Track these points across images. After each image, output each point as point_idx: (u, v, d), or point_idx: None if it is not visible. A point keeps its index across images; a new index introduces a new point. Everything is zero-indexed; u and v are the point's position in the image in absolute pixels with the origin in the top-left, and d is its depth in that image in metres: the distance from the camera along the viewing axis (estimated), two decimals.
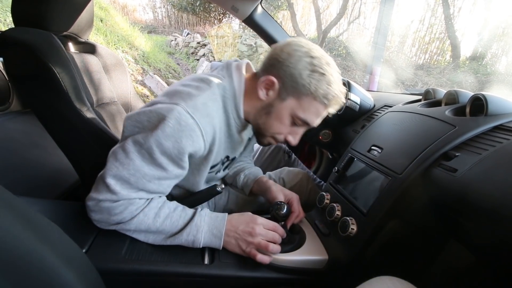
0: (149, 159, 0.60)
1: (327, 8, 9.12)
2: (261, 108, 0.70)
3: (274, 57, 0.67)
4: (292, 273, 0.68)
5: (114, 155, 0.61)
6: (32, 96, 0.83)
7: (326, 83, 0.65)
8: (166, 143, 0.59)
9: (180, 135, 0.59)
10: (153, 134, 0.58)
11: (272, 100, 0.68)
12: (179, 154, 0.60)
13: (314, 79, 0.64)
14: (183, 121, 0.59)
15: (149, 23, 10.80)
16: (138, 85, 3.99)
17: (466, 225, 0.54)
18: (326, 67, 0.65)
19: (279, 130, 0.71)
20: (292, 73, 0.64)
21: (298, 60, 0.64)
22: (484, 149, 0.54)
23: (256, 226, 0.66)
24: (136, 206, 0.62)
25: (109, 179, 0.59)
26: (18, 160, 1.17)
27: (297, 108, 0.67)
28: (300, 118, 0.68)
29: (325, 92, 0.65)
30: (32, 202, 0.73)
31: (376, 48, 3.94)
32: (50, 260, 0.36)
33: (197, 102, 0.62)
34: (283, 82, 0.66)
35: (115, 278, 0.60)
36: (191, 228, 0.65)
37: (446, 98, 0.79)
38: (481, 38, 6.39)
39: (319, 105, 0.67)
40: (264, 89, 0.68)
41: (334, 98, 0.67)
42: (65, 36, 0.97)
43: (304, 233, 0.76)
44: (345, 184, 0.83)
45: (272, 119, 0.69)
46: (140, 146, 0.59)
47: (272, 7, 8.81)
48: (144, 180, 0.61)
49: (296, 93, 0.66)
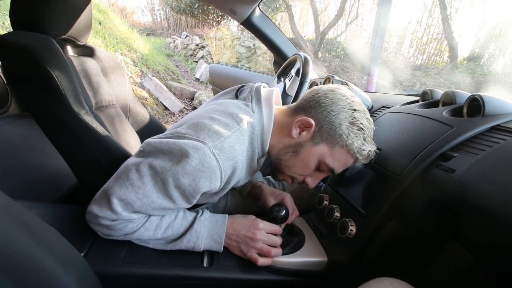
0: (161, 188, 0.58)
1: (325, 9, 9.15)
2: (289, 146, 0.68)
3: (316, 100, 0.66)
4: (291, 275, 0.68)
5: (126, 173, 0.59)
6: (31, 99, 0.83)
7: (363, 139, 0.65)
8: (183, 180, 0.57)
9: (200, 175, 0.57)
10: (173, 168, 0.56)
11: (304, 141, 0.67)
12: (193, 192, 0.59)
13: (352, 133, 0.64)
14: (207, 162, 0.57)
15: (147, 25, 10.81)
16: (137, 88, 3.99)
17: (465, 225, 0.54)
18: (366, 123, 0.65)
19: (301, 172, 0.69)
20: (333, 121, 0.64)
21: (341, 110, 0.64)
22: (482, 149, 0.55)
23: (257, 231, 0.66)
24: (136, 223, 0.62)
25: (114, 198, 0.58)
26: (17, 163, 1.17)
27: (328, 156, 0.66)
28: (328, 166, 0.67)
29: (359, 148, 0.65)
30: (31, 205, 0.73)
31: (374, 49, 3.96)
32: (48, 264, 0.36)
33: (225, 144, 0.59)
34: (320, 126, 0.65)
35: (114, 282, 0.59)
36: (191, 235, 0.64)
37: (443, 98, 0.80)
38: (478, 39, 6.42)
39: (350, 158, 0.67)
40: (298, 128, 0.67)
41: (367, 155, 0.67)
42: (64, 40, 0.97)
43: (303, 234, 0.76)
44: (344, 186, 0.83)
45: (298, 159, 0.68)
46: (156, 173, 0.57)
47: (270, 9, 8.83)
48: (149, 207, 0.59)
49: (331, 141, 0.65)
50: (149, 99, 3.98)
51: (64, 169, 0.97)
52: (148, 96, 4.01)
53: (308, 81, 0.97)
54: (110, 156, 0.80)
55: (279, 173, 0.72)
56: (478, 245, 0.54)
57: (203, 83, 6.17)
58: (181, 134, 0.61)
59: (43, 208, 0.74)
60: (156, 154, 0.59)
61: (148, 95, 4.04)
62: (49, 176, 1.20)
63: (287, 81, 1.10)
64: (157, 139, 0.61)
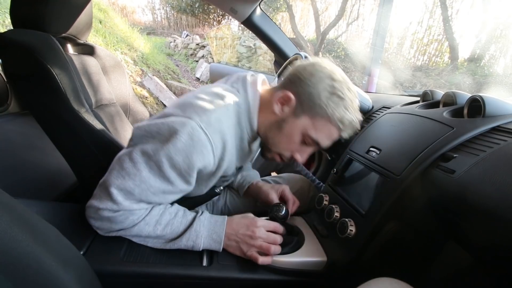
0: (157, 171, 0.59)
1: (325, 10, 9.15)
2: (274, 122, 0.69)
3: (296, 75, 0.67)
4: (290, 275, 0.68)
5: (120, 163, 0.60)
6: (31, 97, 0.83)
7: (344, 108, 0.65)
8: (176, 158, 0.58)
9: (191, 151, 0.58)
10: (164, 147, 0.57)
11: (286, 116, 0.68)
12: (188, 169, 0.59)
13: (332, 102, 0.64)
14: (196, 136, 0.58)
15: (148, 24, 10.80)
16: (137, 87, 3.99)
17: (464, 226, 0.54)
18: (346, 92, 0.65)
19: (287, 147, 0.70)
20: (311, 92, 0.64)
21: (319, 81, 0.64)
22: (482, 150, 0.54)
23: (257, 229, 0.67)
24: (137, 215, 0.62)
25: (113, 188, 0.58)
26: (16, 161, 1.17)
27: (310, 128, 0.66)
28: (311, 138, 0.67)
29: (341, 116, 0.65)
30: (30, 203, 0.73)
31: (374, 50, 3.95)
32: (47, 262, 0.36)
33: (211, 117, 0.60)
34: (300, 99, 0.66)
35: (113, 280, 0.59)
36: (190, 233, 0.64)
37: (444, 99, 0.80)
38: (479, 39, 6.41)
39: (333, 128, 0.67)
40: (279, 104, 0.68)
41: (349, 124, 0.67)
42: (64, 38, 0.97)
43: (303, 234, 0.76)
44: (344, 186, 0.83)
45: (282, 135, 0.69)
46: (149, 158, 0.58)
47: (271, 9, 8.82)
48: (149, 192, 0.60)
49: (312, 112, 0.65)
50: (149, 98, 3.97)
51: (64, 167, 0.97)
52: (148, 95, 4.00)
53: None
54: (109, 154, 0.79)
55: (267, 151, 0.74)
56: (478, 246, 0.54)
57: (203, 83, 6.17)
58: (168, 113, 0.62)
59: (42, 206, 0.74)
60: (146, 138, 0.60)
61: (148, 94, 4.04)
62: (49, 174, 1.20)
63: None
64: (145, 122, 0.63)
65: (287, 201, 0.85)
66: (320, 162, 1.57)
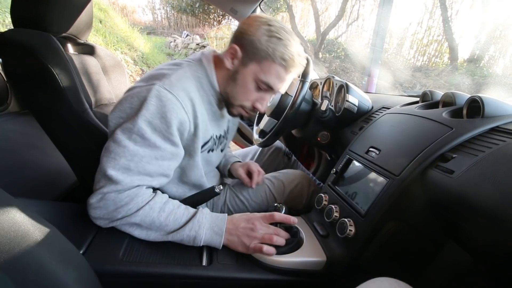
0: (141, 141, 0.63)
1: (325, 10, 9.16)
2: (228, 77, 0.75)
3: (238, 30, 0.74)
4: (290, 275, 0.68)
5: (106, 150, 0.64)
6: (31, 97, 0.83)
7: (283, 46, 0.70)
8: (154, 121, 0.63)
9: (164, 110, 0.63)
10: (140, 115, 0.62)
11: (237, 67, 0.74)
12: (168, 128, 0.64)
13: (271, 43, 0.70)
14: (163, 96, 0.63)
15: (148, 24, 10.80)
16: None
17: (463, 226, 0.54)
18: (283, 33, 0.71)
19: (245, 97, 0.76)
20: (252, 40, 0.70)
21: (257, 29, 0.70)
22: (481, 150, 0.55)
23: (257, 221, 0.69)
24: (142, 198, 0.64)
25: (110, 170, 0.61)
26: (16, 161, 1.17)
27: (259, 72, 0.72)
28: (263, 82, 0.73)
29: (282, 54, 0.70)
30: (30, 203, 0.73)
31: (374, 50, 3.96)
32: (47, 261, 0.36)
33: (172, 79, 0.66)
34: (245, 49, 0.72)
35: (113, 280, 0.59)
36: (193, 223, 0.66)
37: (443, 100, 0.80)
38: (479, 40, 6.42)
39: (279, 67, 0.72)
40: (229, 58, 0.74)
41: (291, 59, 0.71)
42: (64, 37, 0.97)
43: (302, 234, 0.76)
44: (343, 186, 0.83)
45: (238, 85, 0.74)
46: (130, 132, 0.62)
47: (271, 9, 8.83)
48: (143, 162, 0.63)
49: (257, 58, 0.71)
50: None
51: (64, 167, 0.97)
52: None
53: (308, 80, 0.97)
54: None
55: (231, 106, 0.79)
56: (477, 246, 0.55)
57: None
58: (132, 87, 0.68)
59: (42, 205, 0.74)
60: (121, 118, 0.65)
61: None
62: (49, 174, 1.20)
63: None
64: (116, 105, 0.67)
65: (252, 173, 0.96)
66: (320, 162, 1.57)
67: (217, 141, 0.86)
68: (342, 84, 1.11)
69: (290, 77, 0.75)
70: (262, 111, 0.79)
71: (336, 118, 1.08)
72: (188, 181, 0.81)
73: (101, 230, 0.67)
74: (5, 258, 0.32)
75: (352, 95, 1.05)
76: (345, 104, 1.05)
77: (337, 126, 1.10)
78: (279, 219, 0.70)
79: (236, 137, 2.09)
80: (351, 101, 1.05)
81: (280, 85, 0.75)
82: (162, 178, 0.69)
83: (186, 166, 0.78)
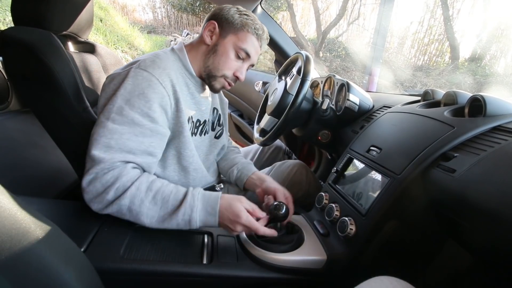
0: (119, 119, 0.65)
1: (326, 9, 9.13)
2: (208, 51, 0.83)
3: (211, 13, 0.85)
4: (290, 273, 0.68)
5: (91, 134, 0.67)
6: (31, 95, 0.83)
7: (252, 21, 0.82)
8: (132, 98, 0.67)
9: (142, 87, 0.68)
10: (117, 95, 0.67)
11: (216, 41, 0.82)
12: (147, 103, 0.67)
13: (243, 19, 0.81)
14: (140, 75, 0.68)
15: (148, 23, 10.77)
16: None
17: (464, 225, 0.54)
18: (249, 13, 0.84)
19: (227, 66, 0.82)
20: (227, 17, 0.81)
21: (229, 10, 0.82)
22: (483, 149, 0.55)
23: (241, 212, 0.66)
24: (127, 177, 0.64)
25: (93, 151, 0.64)
26: (17, 159, 1.17)
27: (237, 41, 0.81)
28: (241, 48, 0.81)
29: (253, 25, 0.82)
30: (31, 201, 0.73)
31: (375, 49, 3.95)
32: (48, 259, 0.36)
33: (146, 61, 0.72)
34: (221, 25, 0.82)
35: (114, 278, 0.59)
36: (185, 208, 0.65)
37: (445, 99, 0.80)
38: (480, 39, 6.40)
39: (252, 37, 0.82)
40: (208, 34, 0.82)
41: (262, 30, 0.84)
42: (65, 36, 0.97)
43: (302, 233, 0.76)
44: (344, 185, 0.83)
45: (219, 55, 0.82)
46: (109, 112, 0.66)
47: (272, 8, 8.81)
48: (123, 139, 0.65)
49: (233, 30, 0.81)
50: None
51: (65, 165, 0.97)
52: None
53: (309, 79, 0.96)
54: None
55: (213, 80, 0.84)
56: (478, 246, 0.54)
57: None
58: (113, 74, 0.73)
59: (43, 203, 0.74)
60: (106, 104, 0.68)
61: None
62: (49, 172, 1.20)
63: (288, 80, 1.10)
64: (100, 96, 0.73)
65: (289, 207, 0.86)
66: (320, 161, 1.57)
67: (200, 127, 0.89)
68: (343, 83, 1.11)
69: (261, 48, 0.86)
70: (242, 79, 0.85)
71: (337, 117, 1.08)
72: (187, 164, 0.83)
73: (102, 227, 0.67)
74: (6, 255, 0.32)
75: (353, 94, 1.05)
76: (346, 103, 1.04)
77: (338, 125, 1.10)
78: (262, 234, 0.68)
79: (237, 135, 2.09)
80: (352, 100, 1.04)
81: (255, 55, 0.85)
82: (147, 156, 0.70)
83: (179, 145, 0.80)
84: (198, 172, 0.86)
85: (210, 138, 0.96)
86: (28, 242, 0.35)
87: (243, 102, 1.97)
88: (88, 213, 0.65)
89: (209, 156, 0.97)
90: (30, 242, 0.35)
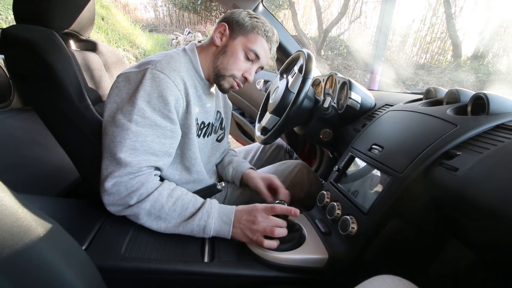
0: (142, 121, 0.66)
1: (328, 7, 9.10)
2: (217, 52, 0.83)
3: (222, 17, 0.85)
4: (292, 272, 0.68)
5: (111, 135, 0.66)
6: (33, 93, 0.83)
7: (262, 24, 0.83)
8: (152, 100, 0.68)
9: (159, 89, 0.68)
10: (138, 97, 0.66)
11: (227, 42, 0.83)
12: (166, 106, 0.69)
13: (253, 21, 0.82)
14: (156, 76, 0.69)
15: (150, 21, 10.77)
16: None
17: (467, 224, 0.54)
18: (260, 16, 0.85)
19: (236, 66, 0.82)
20: (237, 20, 0.82)
21: (239, 13, 0.84)
22: (486, 148, 0.54)
23: (258, 214, 0.69)
24: (151, 183, 0.68)
25: (119, 153, 0.64)
26: (19, 157, 1.17)
27: (247, 42, 0.82)
28: (251, 50, 0.82)
29: (263, 28, 0.83)
30: (32, 199, 0.73)
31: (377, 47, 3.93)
32: (49, 257, 0.36)
33: (162, 62, 0.72)
34: (231, 27, 0.83)
35: (115, 276, 0.60)
36: (202, 213, 0.68)
37: (447, 97, 0.79)
38: (483, 37, 6.36)
39: (262, 39, 0.83)
40: (219, 35, 0.83)
41: (270, 30, 0.84)
42: (67, 34, 0.97)
43: (304, 231, 0.76)
44: (346, 183, 0.82)
45: (228, 56, 0.82)
46: (130, 114, 0.66)
47: (274, 6, 8.78)
48: (148, 141, 0.67)
49: (243, 31, 0.82)
50: None
51: (66, 163, 0.98)
52: None
53: (311, 77, 0.96)
54: None
55: (222, 79, 0.84)
56: (480, 244, 0.54)
57: None
58: (127, 72, 0.72)
59: (45, 201, 0.75)
60: (117, 104, 0.69)
61: None
62: (51, 170, 1.21)
63: (290, 78, 1.10)
64: (110, 93, 0.72)
65: (277, 189, 0.91)
66: (322, 160, 1.57)
67: (203, 128, 0.89)
68: (344, 81, 1.10)
69: (271, 51, 0.87)
70: (250, 80, 0.86)
71: (338, 115, 1.08)
72: (189, 164, 0.84)
73: (104, 226, 0.67)
74: (8, 253, 0.32)
75: (355, 92, 1.05)
76: (348, 101, 1.04)
77: (340, 124, 1.10)
78: (281, 211, 0.70)
79: (238, 134, 2.08)
80: (354, 98, 1.04)
81: (265, 57, 0.85)
82: (166, 157, 0.72)
83: (183, 145, 0.81)
84: (199, 174, 0.87)
85: (213, 140, 0.97)
86: (30, 240, 0.35)
87: (245, 101, 1.97)
88: (89, 211, 0.66)
89: (211, 158, 0.98)
90: (31, 240, 0.35)
